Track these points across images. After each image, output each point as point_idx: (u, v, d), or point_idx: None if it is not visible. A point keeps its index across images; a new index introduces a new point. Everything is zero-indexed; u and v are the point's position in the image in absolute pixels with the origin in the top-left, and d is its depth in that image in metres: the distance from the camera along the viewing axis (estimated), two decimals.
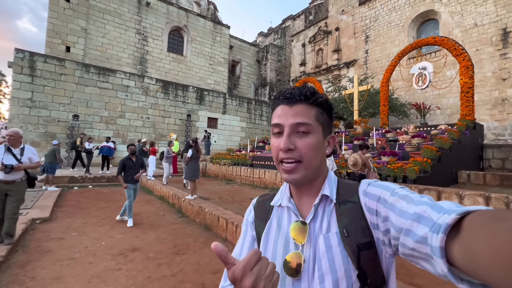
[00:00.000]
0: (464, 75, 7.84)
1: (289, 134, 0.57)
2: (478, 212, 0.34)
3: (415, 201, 0.45)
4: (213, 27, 23.67)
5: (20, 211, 4.67)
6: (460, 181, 6.29)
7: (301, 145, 0.57)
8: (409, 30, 16.60)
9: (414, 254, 0.42)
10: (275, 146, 0.59)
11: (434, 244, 0.36)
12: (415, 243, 0.41)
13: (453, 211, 0.37)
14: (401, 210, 0.46)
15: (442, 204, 0.41)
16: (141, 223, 4.67)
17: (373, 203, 0.53)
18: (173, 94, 15.97)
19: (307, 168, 0.57)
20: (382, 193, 0.52)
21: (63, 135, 12.22)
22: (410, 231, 0.42)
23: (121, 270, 2.85)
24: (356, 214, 0.56)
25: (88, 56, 17.41)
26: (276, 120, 0.60)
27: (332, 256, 0.53)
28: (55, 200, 5.95)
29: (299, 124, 0.57)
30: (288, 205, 0.63)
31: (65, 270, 2.78)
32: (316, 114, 0.59)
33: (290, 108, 0.59)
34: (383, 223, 0.50)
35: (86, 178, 9.05)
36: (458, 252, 0.33)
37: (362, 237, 0.53)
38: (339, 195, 0.59)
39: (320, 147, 0.59)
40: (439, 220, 0.37)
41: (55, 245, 3.49)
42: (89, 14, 17.62)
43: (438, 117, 14.91)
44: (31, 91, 11.73)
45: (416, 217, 0.42)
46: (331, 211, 0.58)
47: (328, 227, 0.57)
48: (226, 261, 0.43)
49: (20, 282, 2.49)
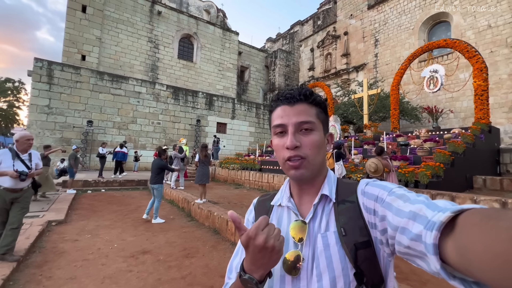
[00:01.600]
0: (478, 78, 7.65)
1: (294, 133, 0.59)
2: (472, 210, 0.34)
3: (411, 200, 0.46)
4: (222, 34, 24.08)
5: (37, 213, 4.86)
6: (475, 187, 6.09)
7: (306, 142, 0.58)
8: (420, 33, 16.37)
9: (409, 252, 0.43)
10: (280, 146, 0.60)
11: (428, 241, 0.36)
12: (410, 241, 0.41)
13: (448, 209, 0.37)
14: (397, 209, 0.46)
15: (438, 203, 0.42)
16: (151, 226, 4.75)
17: (371, 203, 0.54)
18: (183, 100, 16.27)
19: (312, 164, 0.59)
20: (380, 193, 0.53)
21: (78, 140, 12.62)
22: (405, 229, 0.43)
23: (132, 272, 2.91)
24: (354, 213, 0.56)
25: (102, 64, 18.03)
26: (278, 121, 0.61)
27: (330, 255, 0.54)
28: (70, 203, 6.13)
29: (302, 123, 0.59)
30: (288, 205, 0.64)
31: (79, 271, 2.87)
32: (316, 113, 0.61)
33: (292, 108, 0.60)
34: (380, 222, 0.51)
35: (99, 182, 9.29)
36: (451, 250, 0.34)
37: (359, 236, 0.54)
38: (338, 195, 0.60)
39: (323, 144, 0.61)
40: (433, 218, 0.38)
41: (69, 246, 3.60)
42: (104, 24, 18.31)
43: (451, 121, 14.53)
44: (48, 98, 12.23)
45: (411, 216, 0.42)
46: (329, 210, 0.59)
47: (326, 226, 0.57)
48: (240, 227, 0.50)
49: (37, 282, 2.59)
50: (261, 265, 0.50)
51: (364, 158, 7.16)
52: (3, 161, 2.89)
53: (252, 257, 0.50)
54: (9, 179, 2.90)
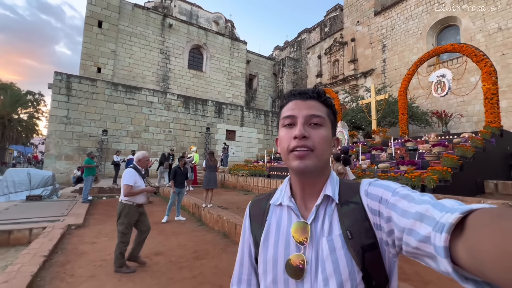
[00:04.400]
0: (487, 81, 7.60)
1: (304, 124, 0.58)
2: (481, 210, 0.34)
3: (416, 200, 0.45)
4: (231, 43, 24.69)
5: (58, 217, 5.17)
6: (487, 191, 6.00)
7: (315, 135, 0.57)
8: (428, 38, 16.30)
9: (417, 253, 0.42)
10: (287, 137, 0.59)
11: (438, 244, 0.36)
12: (418, 243, 0.41)
13: (456, 209, 0.36)
14: (403, 210, 0.46)
15: (444, 203, 0.41)
16: (163, 230, 4.96)
17: (375, 204, 0.53)
18: (193, 108, 16.70)
19: (318, 158, 0.57)
20: (384, 194, 0.52)
21: (93, 148, 13.15)
22: (412, 231, 0.42)
23: (147, 272, 3.09)
24: (359, 215, 0.55)
25: (117, 76, 18.82)
26: (289, 112, 0.60)
27: (336, 259, 0.53)
28: (87, 209, 6.44)
29: (313, 116, 0.58)
30: (289, 204, 0.62)
31: (98, 270, 3.07)
32: (327, 112, 0.61)
33: (304, 102, 0.60)
34: (386, 223, 0.50)
35: (113, 188, 9.65)
36: (462, 252, 0.33)
37: (365, 239, 0.53)
38: (340, 196, 0.59)
39: (330, 142, 0.60)
40: (442, 219, 0.37)
41: (88, 248, 3.83)
42: (118, 37, 19.19)
43: (463, 125, 14.26)
44: (67, 109, 12.88)
45: (418, 216, 0.42)
46: (332, 211, 0.58)
47: (330, 229, 0.56)
48: None
49: (61, 279, 2.81)
50: None
51: (372, 163, 7.18)
52: (137, 181, 3.16)
53: None
54: (143, 196, 3.23)
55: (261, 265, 0.60)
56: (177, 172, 5.88)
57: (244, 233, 0.71)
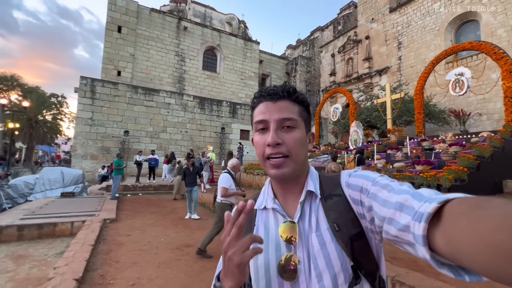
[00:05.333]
0: (507, 80, 7.48)
1: (276, 129, 0.57)
2: (458, 199, 0.35)
3: (396, 190, 0.47)
4: (244, 44, 25.01)
5: (93, 213, 5.68)
6: (505, 191, 5.97)
7: (288, 140, 0.57)
8: (446, 34, 15.91)
9: (397, 240, 0.44)
10: (261, 143, 0.58)
11: (417, 233, 0.37)
12: (398, 231, 0.42)
13: (434, 199, 0.38)
14: (383, 200, 0.47)
15: (422, 192, 0.42)
16: (189, 225, 5.34)
17: (357, 194, 0.54)
18: (208, 109, 17.17)
19: (295, 162, 0.57)
20: (364, 183, 0.54)
21: (116, 149, 13.87)
22: (393, 220, 0.43)
23: (181, 261, 3.45)
24: (343, 207, 0.56)
25: (135, 78, 19.60)
26: (260, 117, 0.59)
27: (328, 253, 0.53)
28: (116, 205, 6.95)
29: (285, 120, 0.57)
30: (273, 206, 0.61)
31: (138, 258, 3.47)
32: (299, 111, 0.60)
33: (274, 104, 0.59)
34: (368, 212, 0.51)
35: (136, 186, 10.22)
36: (440, 240, 0.34)
37: (352, 229, 0.54)
38: (322, 190, 0.59)
39: (305, 143, 0.60)
40: (420, 209, 0.38)
41: (125, 239, 4.26)
42: (136, 41, 19.96)
43: (484, 123, 13.86)
44: (91, 111, 13.65)
45: (398, 206, 0.43)
46: (317, 206, 0.58)
47: (317, 224, 0.56)
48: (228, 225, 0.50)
49: (109, 264, 3.22)
50: (229, 275, 0.48)
51: (387, 163, 7.28)
52: (232, 185, 3.78)
53: (223, 265, 0.50)
54: (235, 197, 3.85)
55: (253, 272, 0.59)
56: (186, 172, 6.12)
57: None
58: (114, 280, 2.82)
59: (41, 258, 3.76)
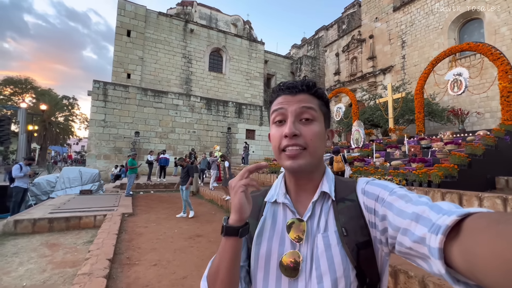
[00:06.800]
0: (503, 80, 7.72)
1: (294, 121, 0.56)
2: (479, 214, 0.33)
3: (413, 201, 0.45)
4: (249, 45, 25.44)
5: (112, 207, 6.23)
6: (498, 187, 6.26)
7: (307, 132, 0.56)
8: (449, 32, 15.99)
9: (410, 253, 0.42)
10: (277, 135, 0.57)
11: (433, 245, 0.36)
12: (412, 243, 0.41)
13: (453, 212, 0.36)
14: (399, 210, 0.46)
15: (441, 205, 0.41)
16: (198, 218, 5.85)
17: (372, 202, 0.53)
18: (215, 109, 17.70)
19: (312, 155, 0.56)
20: (381, 192, 0.52)
21: (127, 149, 14.54)
22: (408, 231, 0.42)
23: (193, 247, 3.94)
24: (354, 212, 0.55)
25: (144, 80, 20.27)
26: (278, 106, 0.58)
27: (331, 256, 0.52)
28: (131, 201, 7.52)
29: (304, 108, 0.56)
30: (284, 201, 0.61)
31: (157, 245, 3.97)
32: (319, 104, 0.59)
33: (293, 97, 0.58)
34: (381, 222, 0.50)
35: (148, 184, 10.82)
36: (457, 254, 0.33)
37: (360, 236, 0.53)
38: (336, 193, 0.58)
39: (323, 137, 0.59)
40: (438, 221, 0.37)
41: (143, 230, 4.78)
42: (145, 44, 20.61)
43: (487, 121, 13.96)
44: (104, 113, 14.34)
45: (414, 217, 0.42)
46: (328, 208, 0.57)
47: (326, 226, 0.56)
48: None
49: (132, 249, 3.74)
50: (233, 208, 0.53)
51: (385, 161, 7.62)
52: None
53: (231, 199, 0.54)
54: None
55: (253, 261, 0.59)
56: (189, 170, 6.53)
57: None
58: (139, 261, 3.32)
59: (71, 246, 4.30)
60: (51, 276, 3.16)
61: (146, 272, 3.04)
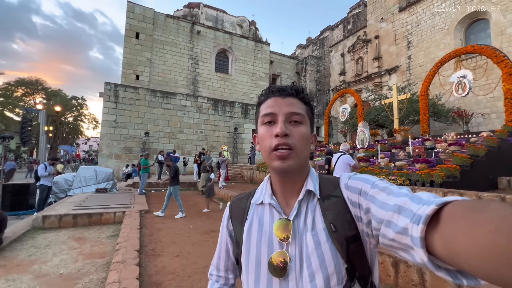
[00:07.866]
0: (507, 82, 7.86)
1: (284, 122, 0.58)
2: (456, 202, 0.35)
3: (394, 193, 0.47)
4: (255, 45, 25.73)
5: (129, 205, 6.60)
6: (500, 187, 6.44)
7: (296, 133, 0.58)
8: (456, 33, 16.03)
9: (393, 245, 0.44)
10: (267, 135, 0.59)
11: (415, 235, 0.37)
12: (395, 234, 0.42)
13: (432, 202, 0.38)
14: (381, 202, 0.47)
15: (421, 195, 0.42)
16: (211, 216, 6.17)
17: (355, 196, 0.54)
18: (221, 110, 18.05)
19: (299, 156, 0.58)
20: (363, 186, 0.54)
21: (137, 149, 14.99)
22: (391, 223, 0.43)
23: (209, 241, 4.26)
24: (341, 208, 0.56)
25: (152, 81, 20.74)
26: (269, 110, 0.60)
27: (322, 253, 0.53)
28: (145, 199, 7.90)
29: (293, 114, 0.59)
30: (270, 202, 0.62)
31: (176, 239, 4.31)
32: (306, 109, 0.62)
33: (283, 100, 0.60)
34: (365, 215, 0.51)
35: (159, 183, 11.21)
36: (438, 242, 0.34)
37: (348, 231, 0.54)
38: (321, 190, 0.60)
39: (309, 140, 0.61)
40: (418, 211, 0.38)
41: (161, 226, 5.12)
42: (153, 46, 21.08)
43: (493, 121, 14.01)
44: (115, 114, 14.80)
45: (397, 209, 0.43)
46: (314, 206, 0.59)
47: (313, 224, 0.57)
48: None
49: (155, 242, 4.08)
50: None
51: (390, 162, 7.84)
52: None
53: None
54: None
55: (244, 266, 0.61)
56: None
57: (222, 232, 0.72)
58: (162, 253, 3.66)
59: (96, 239, 4.66)
60: (83, 265, 3.51)
61: (170, 262, 3.37)
